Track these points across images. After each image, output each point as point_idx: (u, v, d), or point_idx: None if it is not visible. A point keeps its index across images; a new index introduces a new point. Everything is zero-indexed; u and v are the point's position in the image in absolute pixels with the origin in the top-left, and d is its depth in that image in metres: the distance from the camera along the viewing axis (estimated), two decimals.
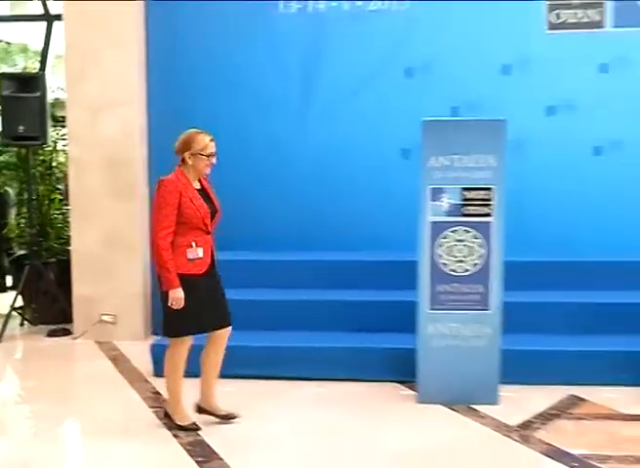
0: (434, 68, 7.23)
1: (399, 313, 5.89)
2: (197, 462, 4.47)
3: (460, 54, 7.19)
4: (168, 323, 4.76)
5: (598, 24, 7.17)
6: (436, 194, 5.29)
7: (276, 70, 7.40)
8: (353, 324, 6.23)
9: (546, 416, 5.15)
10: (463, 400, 5.35)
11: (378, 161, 7.31)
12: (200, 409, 5.04)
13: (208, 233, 4.75)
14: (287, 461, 4.54)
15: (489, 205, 5.25)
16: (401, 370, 5.74)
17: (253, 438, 4.85)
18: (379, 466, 4.45)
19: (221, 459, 4.51)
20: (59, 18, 7.31)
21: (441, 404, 5.37)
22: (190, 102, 7.40)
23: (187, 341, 4.81)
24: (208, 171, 4.78)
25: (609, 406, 5.34)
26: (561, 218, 7.07)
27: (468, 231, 5.27)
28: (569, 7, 7.18)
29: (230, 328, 4.90)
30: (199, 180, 4.80)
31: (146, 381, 6.00)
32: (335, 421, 5.13)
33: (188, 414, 4.95)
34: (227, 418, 5.00)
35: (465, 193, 5.25)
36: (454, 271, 5.33)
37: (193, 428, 4.88)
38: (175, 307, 4.57)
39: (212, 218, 4.76)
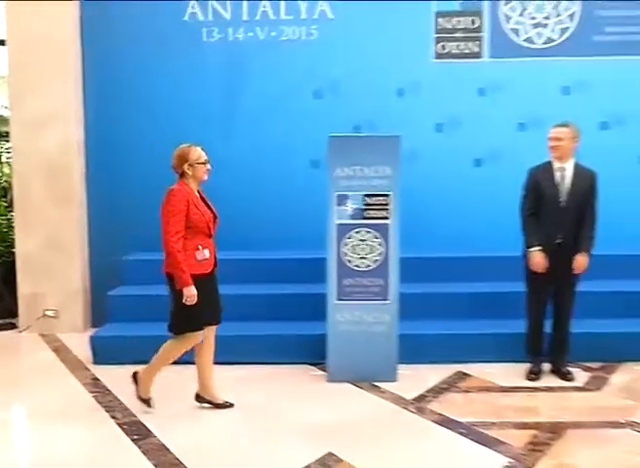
0: (339, 91, 7.26)
1: (311, 304, 5.90)
2: (133, 440, 4.40)
3: (362, 78, 7.23)
4: (177, 320, 4.65)
5: (477, 55, 7.33)
6: (341, 200, 5.32)
7: (201, 90, 7.33)
8: (272, 314, 6.20)
9: (438, 390, 5.23)
10: (367, 378, 5.39)
11: (291, 171, 7.29)
12: (200, 398, 4.96)
13: (210, 236, 4.72)
14: (211, 436, 4.51)
15: (387, 209, 5.31)
16: (313, 353, 5.75)
17: (182, 417, 4.78)
18: (293, 439, 4.44)
19: (155, 436, 4.44)
20: (2, 43, 7.10)
21: (348, 382, 5.40)
22: (124, 117, 7.27)
23: (197, 337, 4.73)
24: (206, 177, 4.70)
25: (490, 379, 5.46)
26: (449, 219, 7.19)
27: (369, 232, 5.31)
28: (453, 39, 7.31)
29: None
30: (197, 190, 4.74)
31: (86, 369, 5.86)
32: (253, 400, 5.10)
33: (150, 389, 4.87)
34: (224, 406, 4.93)
35: (366, 199, 5.30)
36: (357, 267, 5.36)
37: (148, 402, 4.85)
38: (189, 303, 4.51)
39: (213, 223, 4.75)
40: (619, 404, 4.95)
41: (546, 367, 5.57)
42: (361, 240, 5.34)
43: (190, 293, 4.50)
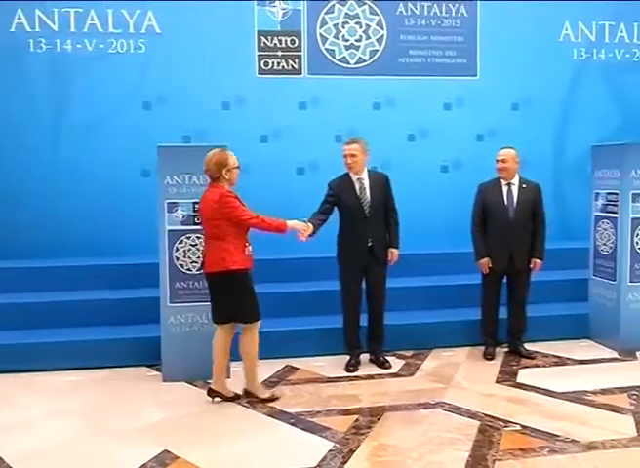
0: (168, 102, 7.13)
1: (146, 307, 5.69)
2: None
3: (190, 91, 7.14)
4: (249, 310, 4.74)
5: (297, 72, 7.43)
6: (171, 207, 5.20)
7: (28, 101, 6.93)
8: (108, 319, 5.92)
9: (268, 384, 5.19)
10: (202, 376, 5.25)
11: (122, 180, 7.04)
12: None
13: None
14: (46, 442, 4.20)
15: None
16: (149, 355, 5.54)
17: (16, 426, 4.44)
18: (130, 439, 4.24)
19: None
20: None
21: (183, 381, 5.26)
22: None
23: (258, 325, 4.82)
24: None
25: (317, 372, 5.51)
26: None
27: (199, 237, 5.21)
28: (274, 57, 7.37)
29: None
30: None
31: None
32: (88, 404, 4.84)
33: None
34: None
35: (196, 206, 5.17)
36: (189, 270, 5.25)
37: (275, 398, 4.85)
38: (306, 232, 4.98)
39: None
40: (429, 387, 5.14)
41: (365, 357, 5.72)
42: (192, 245, 5.24)
43: (300, 227, 4.91)
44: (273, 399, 4.86)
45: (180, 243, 5.23)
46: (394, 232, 5.57)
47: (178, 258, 5.24)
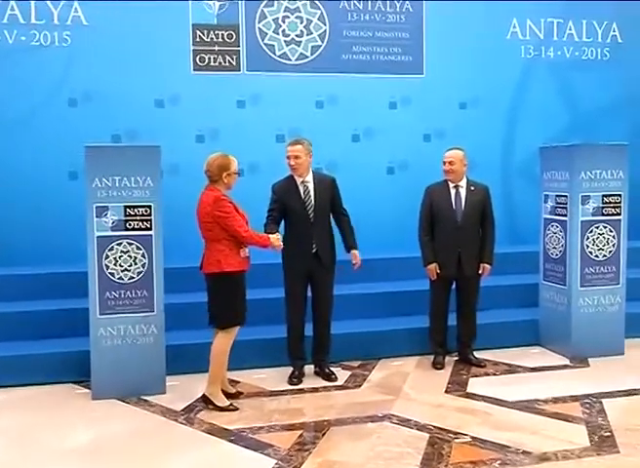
0: (96, 99, 6.99)
1: (74, 319, 5.59)
2: None
3: (120, 87, 7.01)
4: (223, 314, 4.92)
5: (235, 68, 7.39)
6: (101, 211, 5.09)
7: None
8: (32, 332, 5.75)
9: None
10: (135, 392, 5.18)
11: (47, 182, 6.88)
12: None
13: None
14: None
15: (149, 220, 5.17)
16: (78, 371, 5.41)
17: None
18: (56, 462, 4.13)
19: None
20: None
21: (115, 398, 5.15)
22: None
23: (234, 332, 4.98)
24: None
25: (259, 385, 5.47)
26: None
27: (132, 243, 5.13)
28: (211, 52, 7.31)
29: None
30: None
31: None
32: (13, 424, 4.70)
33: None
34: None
35: (128, 210, 5.12)
36: (121, 279, 5.16)
37: (233, 409, 4.94)
38: (277, 246, 5.11)
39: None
40: (377, 399, 5.16)
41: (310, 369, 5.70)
42: (123, 251, 5.14)
43: (278, 242, 5.09)
44: (230, 409, 4.92)
45: (110, 250, 5.13)
46: (350, 233, 5.59)
47: (108, 267, 5.13)
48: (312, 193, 5.45)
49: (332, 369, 5.67)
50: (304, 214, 5.41)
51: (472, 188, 5.78)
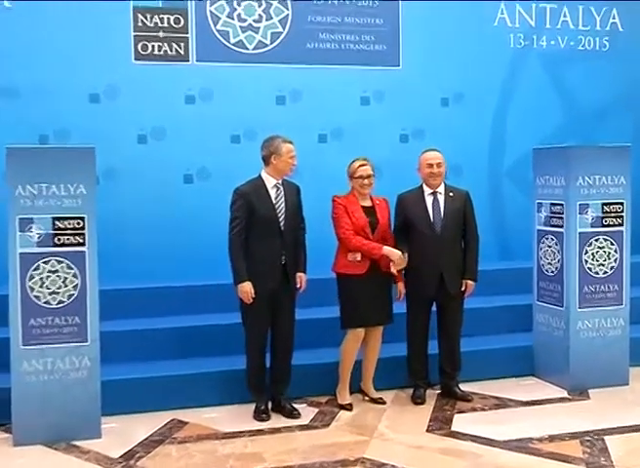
0: (20, 93, 6.91)
1: None
2: None
3: (48, 80, 6.93)
4: (341, 315, 5.65)
5: (183, 58, 7.35)
6: (25, 224, 5.01)
7: None
8: None
9: (150, 444, 5.06)
10: (64, 437, 5.09)
11: None
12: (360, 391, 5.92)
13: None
14: None
15: (82, 234, 5.10)
16: None
17: None
18: None
19: None
20: None
21: (41, 444, 5.05)
22: None
23: (357, 334, 5.63)
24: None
25: (210, 426, 5.41)
26: (155, 244, 7.05)
27: (61, 261, 5.05)
28: (155, 39, 7.26)
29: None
30: None
31: None
32: None
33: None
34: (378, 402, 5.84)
35: (57, 223, 5.04)
36: (48, 304, 5.07)
37: (347, 408, 5.69)
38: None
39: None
40: (348, 440, 5.13)
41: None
42: (51, 271, 5.06)
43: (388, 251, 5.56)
44: (345, 408, 5.70)
45: (35, 269, 5.04)
46: (301, 253, 5.62)
47: (33, 289, 5.05)
48: (283, 199, 5.47)
49: (294, 405, 5.63)
50: (275, 223, 5.41)
51: (451, 194, 5.79)
